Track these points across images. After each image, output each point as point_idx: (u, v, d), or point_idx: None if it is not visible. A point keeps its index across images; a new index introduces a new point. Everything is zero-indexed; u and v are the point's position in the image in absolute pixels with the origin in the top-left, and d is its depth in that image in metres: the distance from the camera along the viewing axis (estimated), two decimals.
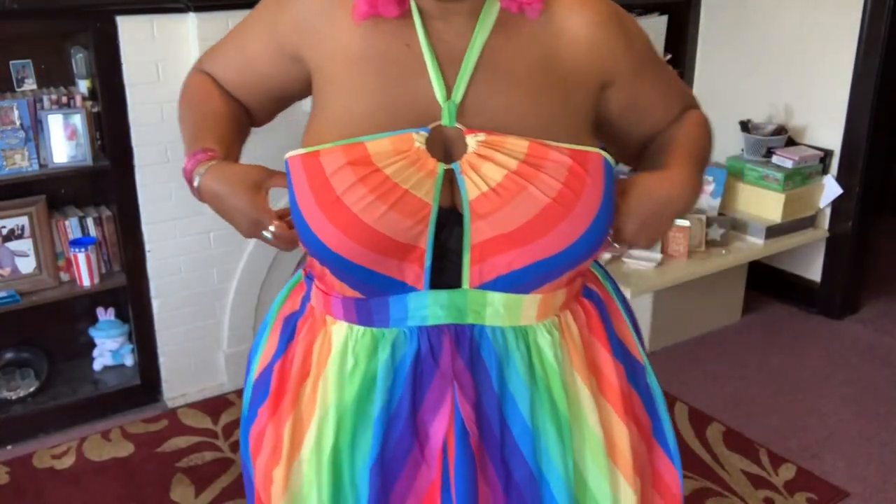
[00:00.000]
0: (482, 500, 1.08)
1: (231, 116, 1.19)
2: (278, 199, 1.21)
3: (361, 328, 1.07)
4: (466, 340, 1.05)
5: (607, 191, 1.02)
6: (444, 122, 1.01)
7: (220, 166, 1.07)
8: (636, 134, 1.20)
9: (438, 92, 1.01)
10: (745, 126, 3.54)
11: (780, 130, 3.49)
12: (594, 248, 1.03)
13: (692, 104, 1.24)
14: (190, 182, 1.09)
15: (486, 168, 0.98)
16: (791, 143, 3.50)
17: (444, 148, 1.01)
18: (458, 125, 1.01)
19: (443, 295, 1.02)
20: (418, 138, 0.99)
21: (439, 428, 1.06)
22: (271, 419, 1.17)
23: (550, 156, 0.99)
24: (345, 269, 1.02)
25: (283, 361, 1.18)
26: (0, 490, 2.49)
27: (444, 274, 1.02)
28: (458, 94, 1.01)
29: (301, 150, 1.02)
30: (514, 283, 1.02)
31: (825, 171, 3.46)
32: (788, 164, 3.35)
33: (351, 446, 1.10)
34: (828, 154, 3.44)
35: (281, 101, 1.23)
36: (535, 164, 0.98)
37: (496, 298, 1.03)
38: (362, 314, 1.07)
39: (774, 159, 3.40)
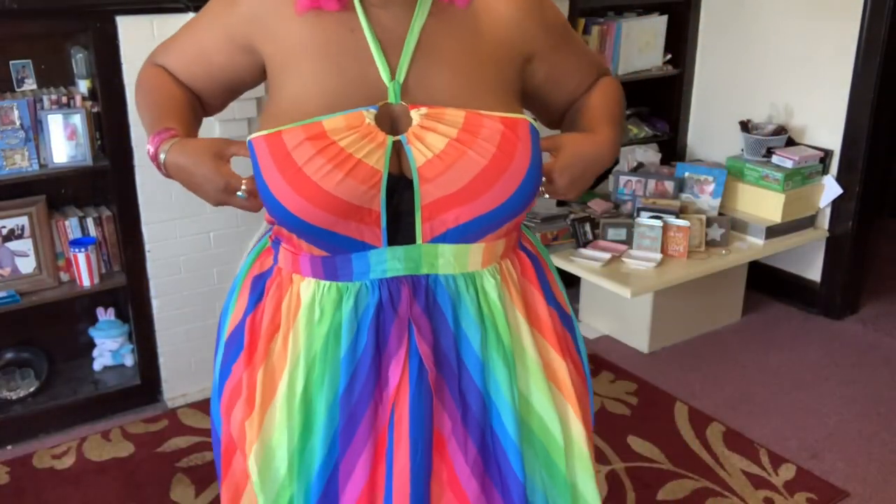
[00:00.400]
0: (444, 430, 1.21)
1: (187, 102, 1.29)
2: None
3: (327, 283, 1.19)
4: (422, 289, 1.18)
5: (535, 152, 1.15)
6: (390, 100, 1.15)
7: (182, 142, 1.17)
8: (557, 101, 1.35)
9: (383, 73, 1.15)
10: (745, 126, 3.54)
11: (780, 130, 3.49)
12: (528, 201, 1.18)
13: (604, 72, 1.40)
14: (155, 159, 1.19)
15: (429, 137, 1.12)
16: (791, 143, 3.50)
17: (392, 123, 1.15)
18: (402, 102, 1.14)
19: (399, 250, 1.16)
20: (368, 115, 1.12)
21: (396, 371, 1.18)
22: (245, 370, 1.26)
23: (485, 123, 1.13)
24: (310, 233, 1.14)
25: (252, 317, 1.27)
26: (0, 490, 2.50)
27: (399, 233, 1.15)
28: (401, 75, 1.14)
29: (263, 132, 1.12)
30: (462, 235, 1.16)
31: (825, 171, 3.46)
32: (788, 164, 3.35)
33: (320, 390, 1.20)
34: (828, 154, 3.44)
35: (233, 90, 1.33)
36: (472, 132, 1.12)
37: (447, 250, 1.17)
38: (328, 270, 1.18)
39: (774, 159, 3.40)
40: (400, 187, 1.13)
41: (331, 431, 1.21)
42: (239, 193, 1.15)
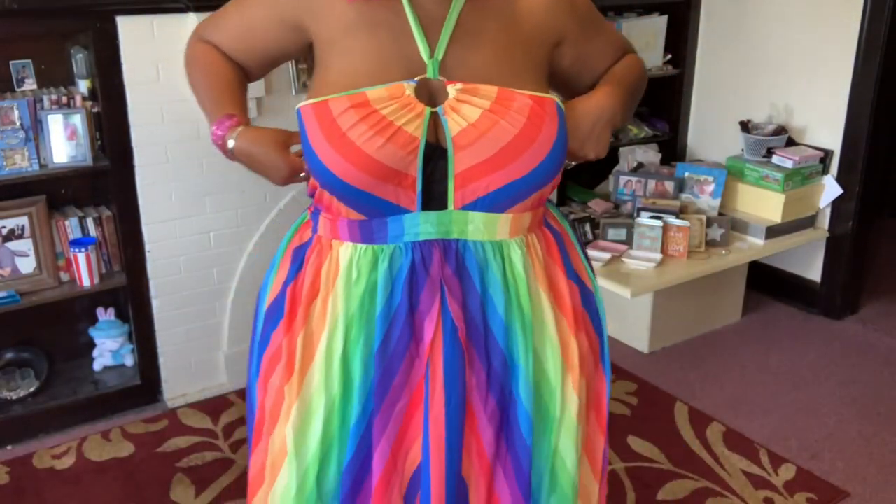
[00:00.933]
0: (468, 386, 1.29)
1: (240, 82, 1.41)
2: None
3: (364, 246, 1.27)
4: (453, 252, 1.27)
5: (561, 127, 1.25)
6: (428, 76, 1.23)
7: (249, 131, 1.29)
8: (583, 82, 1.43)
9: (423, 51, 1.23)
10: (745, 126, 3.54)
11: (780, 130, 3.49)
12: (554, 172, 1.26)
13: (631, 51, 1.47)
14: (223, 145, 1.30)
15: (464, 109, 1.21)
16: (791, 143, 3.50)
17: (430, 97, 1.23)
18: (440, 78, 1.23)
19: (432, 215, 1.24)
20: (408, 87, 1.21)
21: (430, 327, 1.27)
22: (285, 336, 1.33)
23: (515, 98, 1.22)
24: (351, 195, 1.22)
25: (293, 286, 1.35)
26: (0, 490, 2.50)
27: (433, 199, 1.24)
28: (439, 53, 1.24)
29: (311, 101, 1.22)
30: (491, 204, 1.24)
31: (825, 171, 3.46)
32: (788, 164, 3.35)
33: (356, 348, 1.28)
34: (828, 154, 3.44)
35: (276, 62, 1.44)
36: (504, 104, 1.21)
37: (477, 217, 1.25)
38: (365, 233, 1.27)
39: (774, 159, 3.40)
40: (435, 156, 1.22)
41: (366, 388, 1.28)
42: (301, 175, 1.28)
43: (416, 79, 1.22)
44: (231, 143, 1.29)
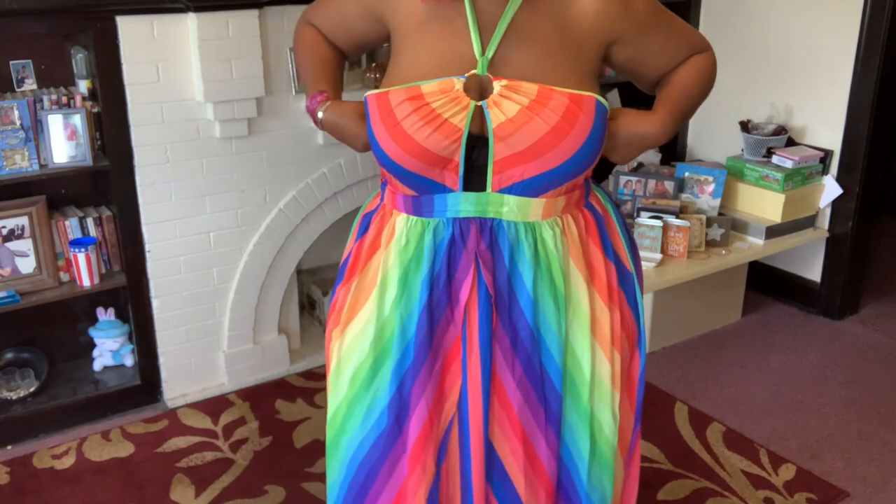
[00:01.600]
0: (494, 354, 1.44)
1: (336, 61, 1.62)
2: None
3: (414, 218, 1.46)
4: (488, 230, 1.42)
5: (597, 124, 1.35)
6: (478, 72, 1.36)
7: (336, 105, 1.50)
8: (647, 75, 1.53)
9: (476, 49, 1.36)
10: (745, 126, 3.54)
11: (780, 130, 3.49)
12: (585, 165, 1.38)
13: (701, 48, 1.53)
14: (314, 116, 1.52)
15: (505, 104, 1.33)
16: (791, 143, 3.50)
17: (479, 90, 1.37)
18: (488, 74, 1.36)
19: (472, 196, 1.40)
20: (458, 83, 1.35)
21: (465, 293, 1.42)
22: (343, 287, 1.54)
23: (554, 97, 1.33)
24: (402, 175, 1.40)
25: (360, 243, 1.56)
26: (0, 490, 2.50)
27: (473, 182, 1.39)
28: (490, 52, 1.36)
29: (375, 91, 1.39)
30: (525, 189, 1.38)
31: (825, 171, 3.46)
32: (788, 164, 3.35)
33: (398, 305, 1.45)
34: (828, 154, 3.44)
35: (365, 47, 1.67)
36: (541, 102, 1.33)
37: (511, 200, 1.39)
38: (415, 207, 1.45)
39: (774, 159, 3.40)
40: (479, 144, 1.36)
41: (405, 342, 1.45)
42: None
43: (466, 75, 1.36)
44: (320, 115, 1.50)
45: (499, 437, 1.48)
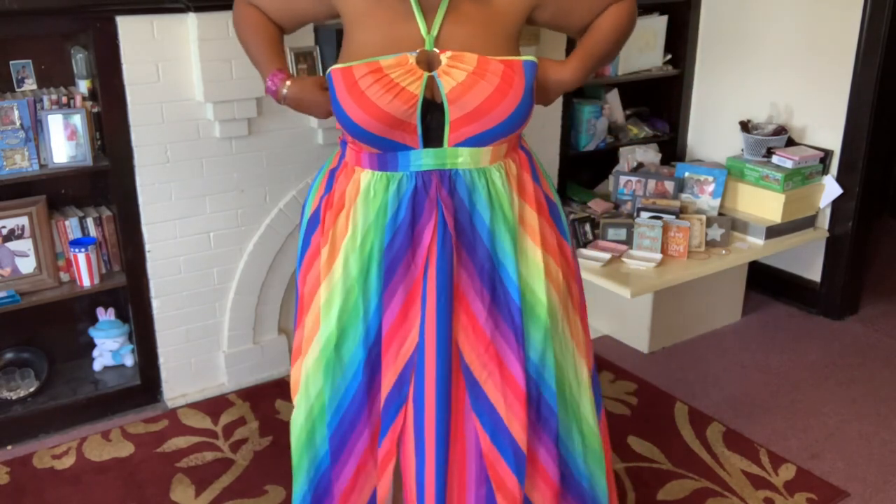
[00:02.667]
0: (462, 283, 1.68)
1: (280, 38, 1.82)
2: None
3: (380, 173, 1.66)
4: (447, 179, 1.65)
5: (528, 82, 1.61)
6: (426, 48, 1.60)
7: (296, 81, 1.73)
8: (569, 29, 1.80)
9: (423, 29, 1.60)
10: (745, 126, 3.54)
11: (780, 130, 3.49)
12: (525, 118, 1.63)
13: None
14: (276, 94, 1.73)
15: (454, 72, 1.58)
16: (791, 143, 3.50)
17: (428, 63, 1.60)
18: (435, 49, 1.60)
19: (431, 151, 1.63)
20: (411, 57, 1.58)
21: (428, 234, 1.65)
22: (321, 238, 1.74)
23: (491, 64, 1.58)
24: (368, 138, 1.61)
25: (328, 198, 1.75)
26: (0, 490, 2.50)
27: (432, 140, 1.62)
28: (434, 30, 1.60)
29: (338, 66, 1.60)
30: (476, 141, 1.63)
31: (825, 171, 3.46)
32: (788, 164, 3.35)
33: (370, 248, 1.66)
34: (828, 154, 3.44)
35: (305, 23, 1.88)
36: (482, 69, 1.58)
37: (465, 151, 1.64)
38: (381, 163, 1.66)
39: (774, 159, 3.40)
40: (433, 109, 1.59)
41: (380, 279, 1.68)
42: None
43: (417, 50, 1.59)
44: (284, 92, 1.72)
45: (476, 363, 1.70)
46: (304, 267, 1.78)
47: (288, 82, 1.72)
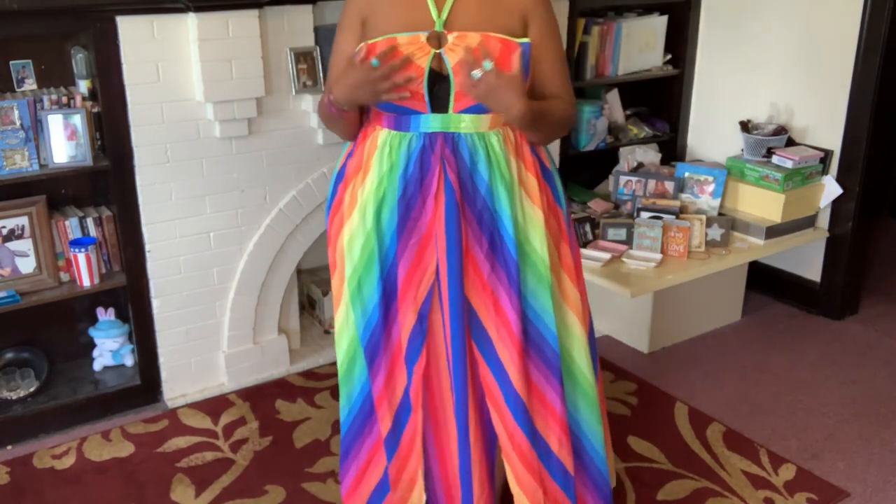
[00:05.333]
0: (463, 229, 1.90)
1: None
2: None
3: (395, 132, 1.93)
4: (450, 140, 1.90)
5: (524, 61, 1.86)
6: (437, 29, 1.84)
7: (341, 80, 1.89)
8: (538, 75, 1.95)
9: (434, 15, 1.85)
10: (745, 126, 3.54)
11: (780, 130, 3.49)
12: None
13: (569, 101, 1.99)
14: (330, 103, 1.91)
15: (458, 49, 1.82)
16: (791, 143, 3.50)
17: (437, 42, 1.85)
18: (443, 31, 1.84)
19: (438, 116, 1.89)
20: (422, 36, 1.84)
21: (433, 186, 1.90)
22: (345, 190, 2.02)
23: (491, 41, 1.83)
24: (384, 104, 1.89)
25: (353, 154, 2.03)
26: (0, 490, 2.50)
27: (440, 107, 1.88)
28: (444, 15, 1.85)
29: (369, 41, 1.85)
30: (477, 109, 1.87)
31: (825, 171, 3.46)
32: (788, 164, 3.35)
33: (387, 196, 1.93)
34: (828, 154, 3.44)
35: None
36: (484, 45, 1.81)
37: (467, 117, 1.89)
38: (396, 124, 1.92)
39: (774, 159, 3.40)
40: (440, 80, 1.85)
41: (393, 224, 1.93)
42: (373, 61, 1.81)
43: (428, 31, 1.84)
44: (331, 96, 1.89)
45: (475, 298, 1.95)
46: (332, 213, 2.06)
47: (332, 95, 1.90)
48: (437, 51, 1.84)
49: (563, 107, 1.96)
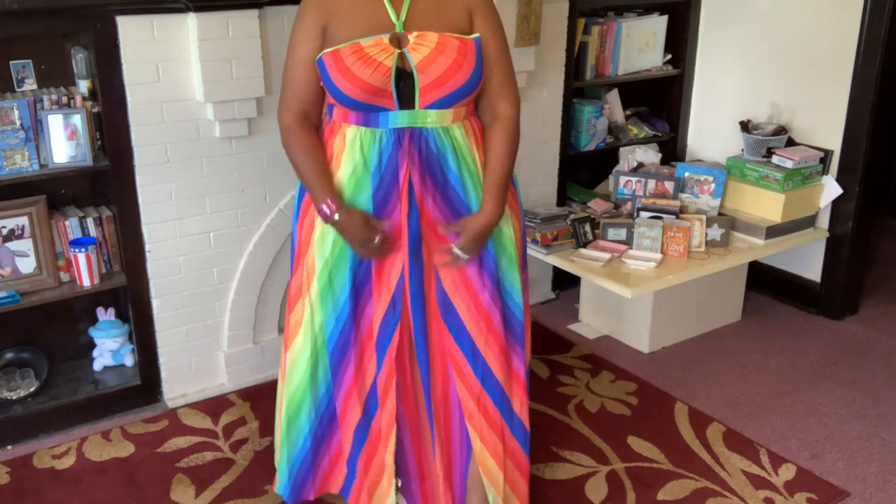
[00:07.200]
0: (432, 215, 2.03)
1: (325, 158, 2.06)
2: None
3: (364, 128, 2.00)
4: (418, 135, 2.00)
5: (478, 56, 1.98)
6: (396, 30, 1.94)
7: (345, 213, 1.99)
8: (485, 66, 2.04)
9: (393, 17, 1.95)
10: (745, 126, 3.54)
11: (780, 130, 3.49)
12: (477, 83, 2.00)
13: (515, 103, 2.09)
14: (326, 218, 2.00)
15: (420, 48, 1.93)
16: (791, 143, 3.50)
17: (398, 42, 1.95)
18: (403, 31, 1.95)
19: (405, 113, 1.97)
20: (385, 38, 1.93)
21: (403, 178, 2.00)
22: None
23: (448, 41, 1.95)
24: (355, 104, 1.97)
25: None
26: (0, 490, 2.50)
27: (406, 104, 1.96)
28: (402, 17, 1.96)
29: (329, 49, 1.94)
30: (441, 104, 1.98)
31: (825, 171, 3.46)
32: (788, 164, 3.35)
33: (360, 192, 2.02)
34: (828, 154, 3.44)
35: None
36: (442, 45, 1.94)
37: (433, 112, 1.99)
38: (366, 121, 2.00)
39: (774, 159, 3.40)
40: (404, 77, 1.93)
41: (370, 211, 2.02)
42: (376, 241, 1.99)
43: (389, 33, 1.94)
44: (336, 218, 1.98)
45: (449, 285, 2.07)
46: (301, 214, 2.12)
47: (336, 215, 1.99)
48: (400, 50, 1.93)
49: (508, 133, 2.06)
